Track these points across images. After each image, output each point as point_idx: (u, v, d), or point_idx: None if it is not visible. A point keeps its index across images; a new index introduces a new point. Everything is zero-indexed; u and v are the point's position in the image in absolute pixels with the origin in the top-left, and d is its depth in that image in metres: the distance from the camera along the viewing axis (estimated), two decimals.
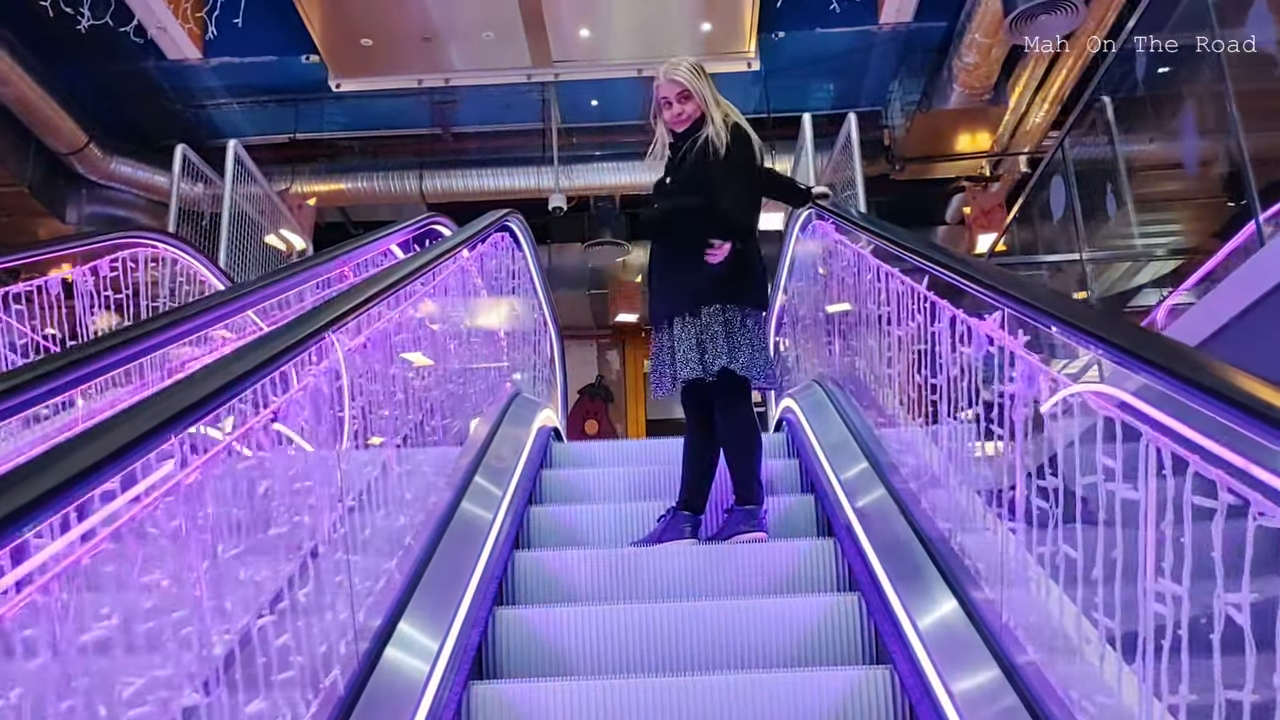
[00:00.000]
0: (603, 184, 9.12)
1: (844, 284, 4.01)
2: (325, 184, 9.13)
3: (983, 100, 8.13)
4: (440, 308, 3.56)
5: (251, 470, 1.73)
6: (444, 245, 3.44)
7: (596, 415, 11.26)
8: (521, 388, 4.94)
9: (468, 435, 3.58)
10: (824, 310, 4.51)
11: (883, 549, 2.58)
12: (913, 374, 2.95)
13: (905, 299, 2.96)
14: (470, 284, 4.13)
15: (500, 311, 4.82)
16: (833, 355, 4.29)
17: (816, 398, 4.19)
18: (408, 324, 3.06)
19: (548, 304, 5.86)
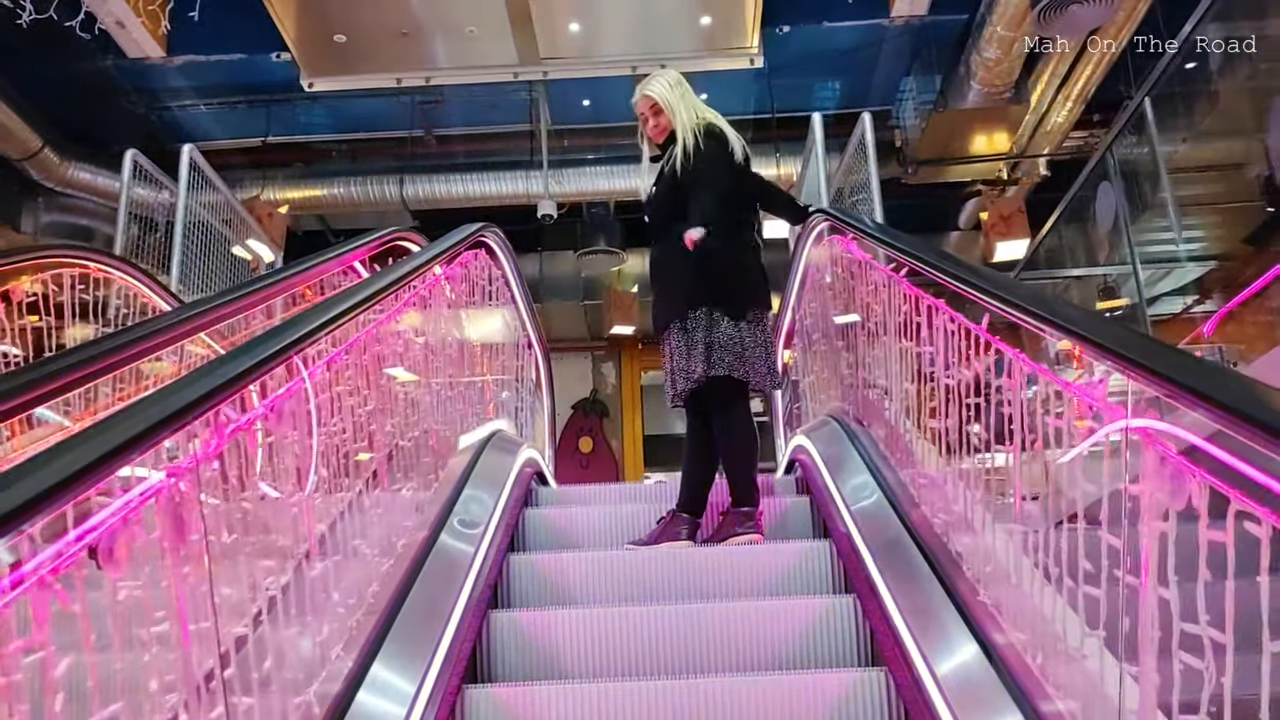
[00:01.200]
0: (596, 189, 8.57)
1: (868, 308, 3.46)
2: (301, 190, 8.57)
3: (1002, 99, 7.59)
4: (398, 341, 3.02)
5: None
6: (396, 272, 2.88)
7: (591, 432, 10.71)
8: (501, 422, 4.39)
9: (425, 499, 3.02)
10: (843, 336, 3.95)
11: (954, 684, 1.99)
12: (967, 431, 2.40)
13: (955, 339, 2.41)
14: (438, 309, 3.58)
15: (475, 338, 4.26)
16: (854, 390, 3.73)
17: (837, 444, 3.62)
18: (357, 363, 2.53)
19: (532, 324, 5.30)
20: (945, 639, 2.03)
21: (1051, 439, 1.83)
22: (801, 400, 5.07)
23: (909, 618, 2.24)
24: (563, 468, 10.41)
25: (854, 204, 6.41)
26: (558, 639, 2.68)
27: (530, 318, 5.24)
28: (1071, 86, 7.78)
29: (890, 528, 2.75)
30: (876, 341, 3.36)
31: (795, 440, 4.38)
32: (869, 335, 3.50)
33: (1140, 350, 1.43)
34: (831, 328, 4.18)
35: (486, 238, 4.26)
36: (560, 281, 10.00)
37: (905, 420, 3.04)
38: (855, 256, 3.54)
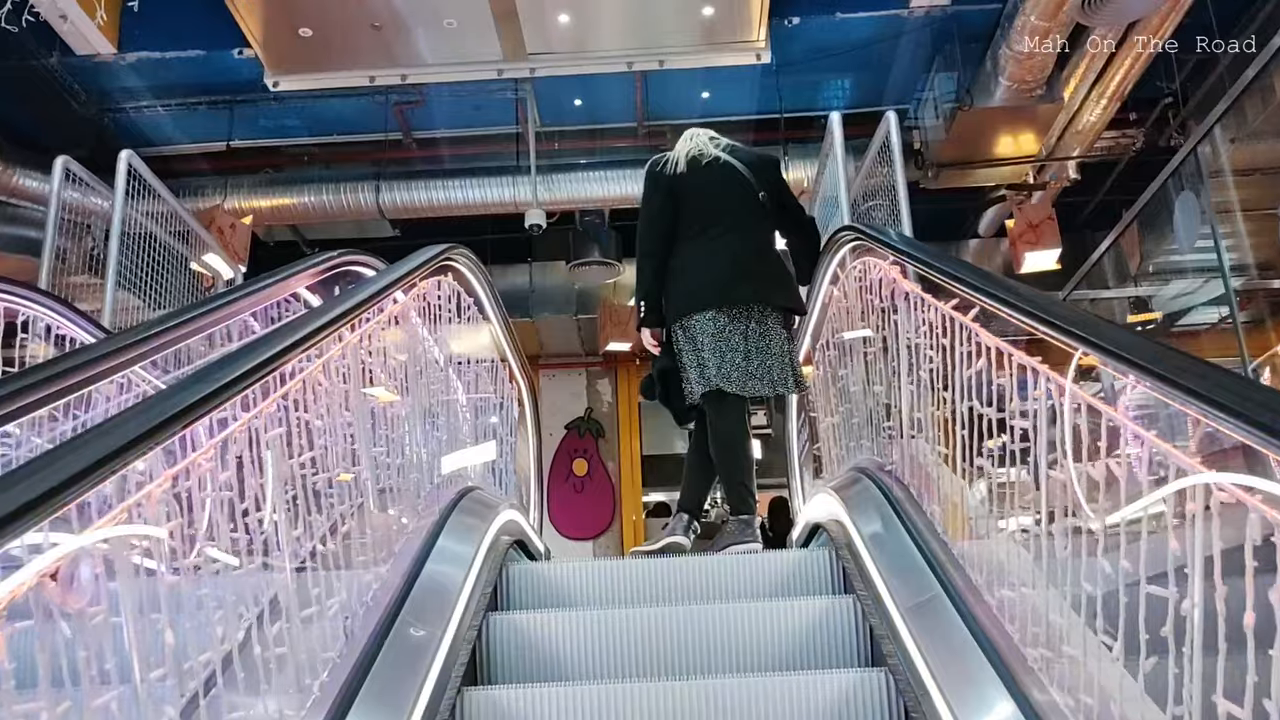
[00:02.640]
0: (589, 196, 7.90)
1: (917, 351, 2.80)
2: (269, 198, 7.90)
3: (1033, 96, 6.92)
4: (338, 388, 2.37)
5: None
6: (312, 322, 2.21)
7: (586, 453, 10.04)
8: (472, 478, 3.73)
9: (372, 589, 2.36)
10: (882, 378, 3.29)
11: None
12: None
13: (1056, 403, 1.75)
14: (393, 346, 2.93)
15: (442, 376, 3.59)
16: (897, 445, 3.06)
17: (881, 518, 2.95)
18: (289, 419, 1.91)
19: (514, 355, 4.63)
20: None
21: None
22: (822, 444, 4.40)
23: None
24: (556, 493, 9.76)
25: (867, 211, 5.76)
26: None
27: (511, 348, 4.57)
28: (1107, 83, 7.11)
29: (968, 659, 2.08)
30: (932, 393, 2.70)
31: (820, 497, 3.71)
32: (918, 382, 2.85)
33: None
34: (863, 365, 3.52)
35: (454, 261, 3.59)
36: (552, 294, 9.34)
37: (977, 505, 2.38)
38: (902, 288, 2.87)
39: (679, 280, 3.66)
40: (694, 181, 3.71)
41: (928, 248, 2.71)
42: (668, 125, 8.18)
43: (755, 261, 3.69)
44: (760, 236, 3.78)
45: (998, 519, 2.29)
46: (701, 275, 3.62)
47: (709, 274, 3.62)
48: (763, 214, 3.79)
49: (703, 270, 3.63)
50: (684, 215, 3.70)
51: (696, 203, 3.69)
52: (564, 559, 9.13)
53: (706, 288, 3.61)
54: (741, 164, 3.80)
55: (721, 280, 3.61)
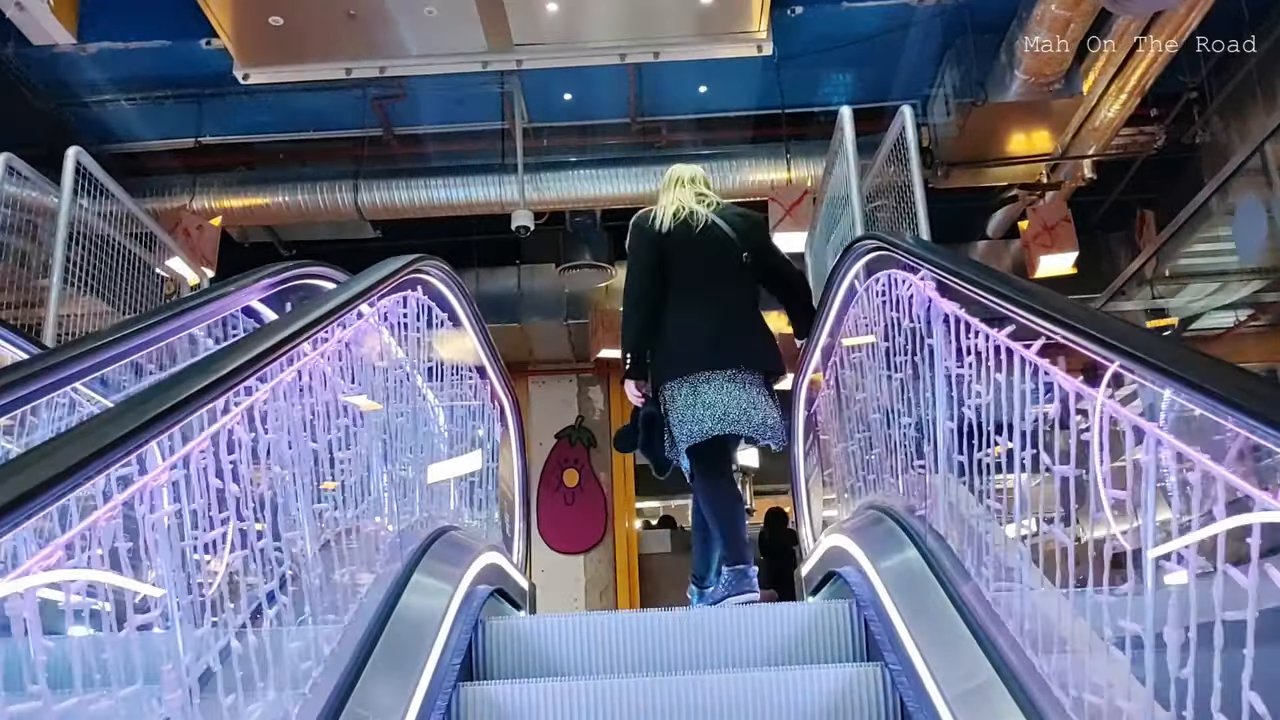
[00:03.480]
0: (579, 195, 7.49)
1: (958, 382, 2.40)
2: (242, 197, 7.47)
3: (1051, 91, 6.53)
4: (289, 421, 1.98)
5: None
6: (263, 342, 1.81)
7: (577, 463, 9.62)
8: (450, 510, 3.32)
9: (312, 677, 1.95)
10: (910, 408, 2.89)
11: None
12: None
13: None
14: (349, 373, 2.52)
15: (409, 405, 3.18)
16: (930, 487, 2.66)
17: (908, 564, 2.55)
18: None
19: (495, 371, 4.22)
20: None
21: None
22: (834, 470, 4.01)
23: None
24: (546, 504, 9.35)
25: (872, 211, 5.35)
26: None
27: (493, 364, 4.16)
28: (1127, 76, 6.72)
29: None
30: (980, 435, 2.30)
31: (837, 539, 3.30)
32: (959, 419, 2.45)
33: None
34: (886, 390, 3.12)
35: (424, 274, 3.18)
36: (541, 298, 8.92)
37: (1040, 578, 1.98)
38: (940, 308, 2.47)
39: (662, 345, 3.74)
40: (679, 243, 3.75)
41: (976, 263, 2.31)
42: (663, 121, 7.78)
43: (735, 327, 3.76)
44: (742, 300, 3.85)
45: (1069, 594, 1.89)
46: (683, 343, 3.70)
47: (689, 343, 3.70)
48: (745, 277, 3.86)
49: (684, 338, 3.70)
50: (668, 276, 3.75)
51: (681, 265, 3.75)
52: (551, 596, 8.76)
53: (687, 356, 3.69)
54: (727, 225, 3.83)
55: (700, 349, 3.69)
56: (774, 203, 6.74)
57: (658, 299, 3.74)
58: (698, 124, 7.78)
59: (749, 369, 3.72)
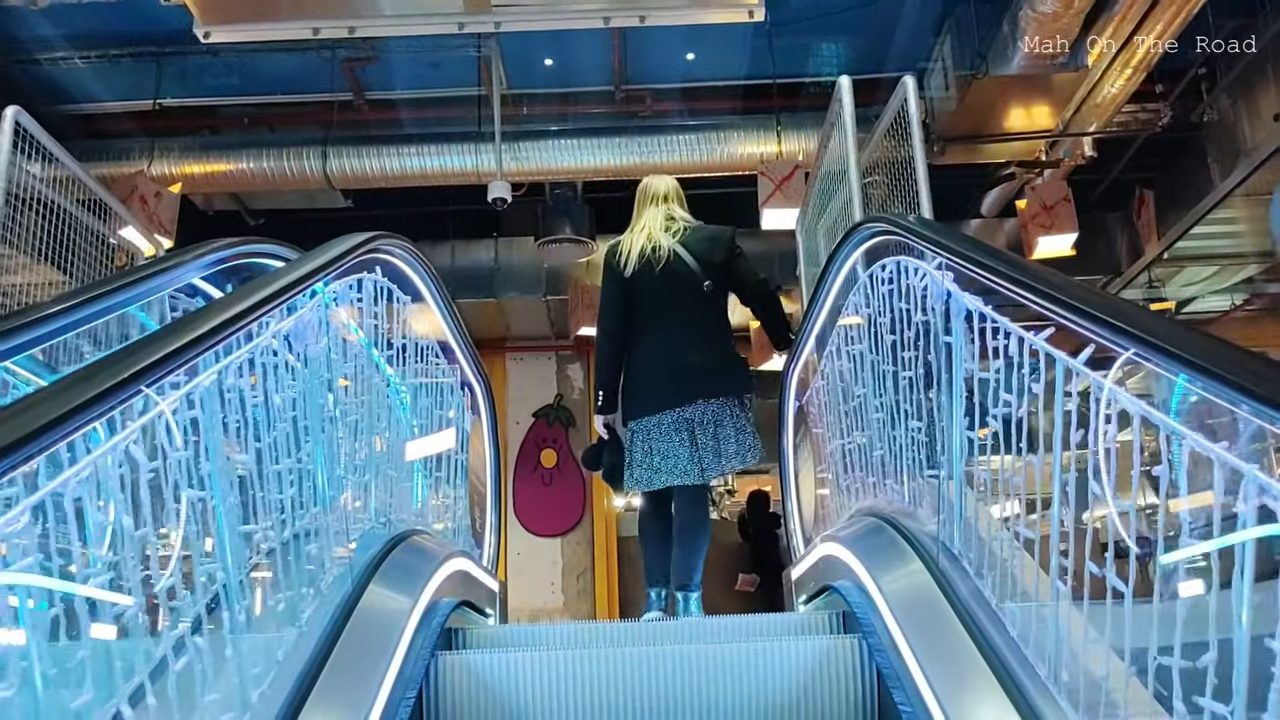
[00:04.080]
0: (560, 167, 7.15)
1: (979, 386, 2.13)
2: (204, 163, 7.09)
3: (1055, 63, 6.23)
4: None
5: None
6: (184, 334, 1.50)
7: (555, 443, 9.34)
8: (412, 515, 3.03)
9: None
10: (919, 412, 2.62)
11: None
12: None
13: None
14: (294, 365, 2.22)
15: (368, 396, 2.88)
16: (944, 501, 2.39)
17: (921, 590, 2.28)
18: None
19: (465, 356, 3.92)
20: None
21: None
22: (828, 468, 3.74)
23: None
24: (522, 486, 9.08)
25: (864, 188, 5.06)
26: None
27: (463, 348, 3.86)
28: (1134, 50, 6.43)
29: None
30: (1008, 449, 2.03)
31: (833, 549, 3.03)
32: (978, 427, 2.18)
33: None
34: (891, 388, 2.84)
35: (384, 253, 2.87)
36: (519, 272, 8.60)
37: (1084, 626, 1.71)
38: (961, 303, 2.19)
39: (627, 381, 3.92)
40: (642, 281, 3.89)
41: (1006, 254, 2.02)
42: (648, 90, 7.44)
43: (694, 361, 3.85)
44: (705, 328, 3.93)
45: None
46: (647, 379, 3.86)
47: (653, 379, 3.85)
48: (708, 306, 3.95)
49: (648, 374, 3.86)
50: (635, 312, 3.91)
51: (645, 302, 3.90)
52: (527, 580, 8.49)
53: (651, 393, 3.84)
54: (689, 254, 3.92)
55: (659, 386, 3.83)
56: (764, 177, 6.44)
57: (625, 336, 3.92)
58: (684, 93, 7.45)
59: (711, 399, 3.82)
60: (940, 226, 2.44)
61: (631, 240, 3.98)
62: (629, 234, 4.04)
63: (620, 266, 3.93)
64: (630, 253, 3.94)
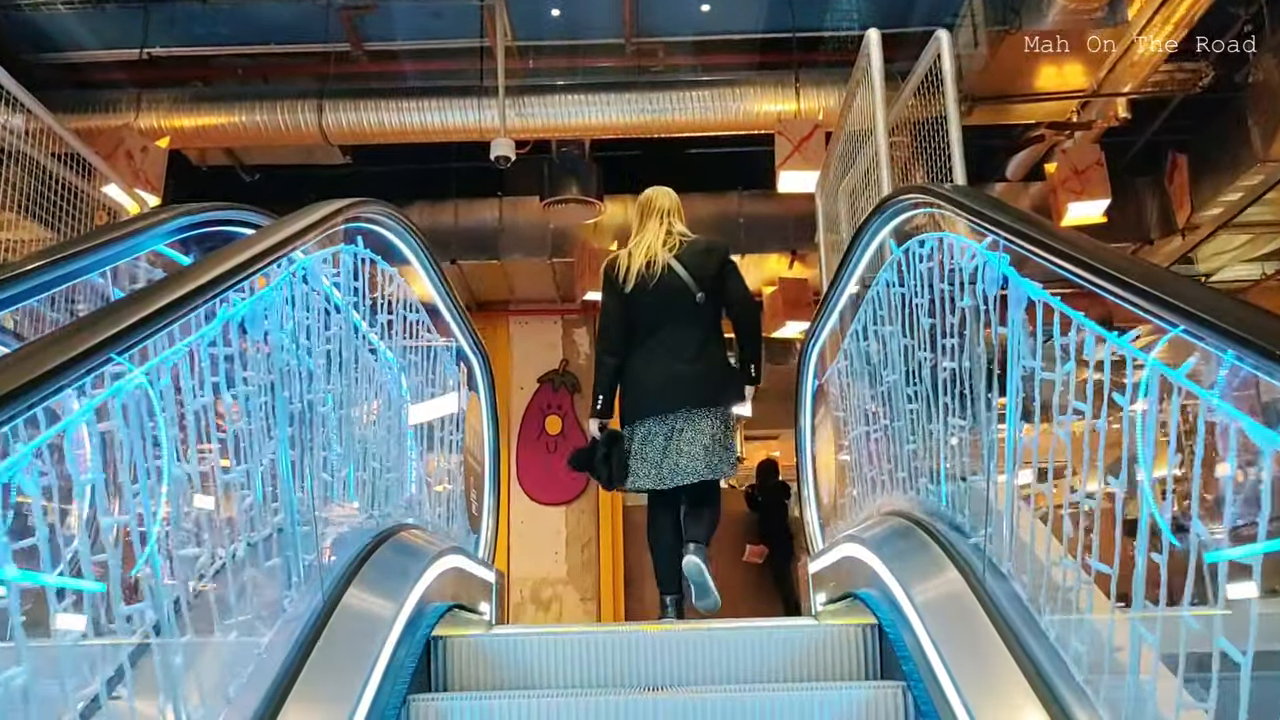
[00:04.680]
0: (567, 123, 6.82)
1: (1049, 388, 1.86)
2: (195, 116, 6.77)
3: (1092, 18, 5.87)
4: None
5: None
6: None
7: (560, 409, 9.09)
8: (402, 507, 2.78)
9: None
10: (964, 407, 2.35)
11: None
12: None
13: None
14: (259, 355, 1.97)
15: (346, 378, 2.61)
16: (987, 503, 2.13)
17: (967, 617, 2.02)
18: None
19: (462, 329, 3.65)
20: None
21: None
22: (850, 455, 3.47)
23: None
24: (526, 454, 8.85)
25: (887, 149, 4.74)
26: None
27: (458, 321, 3.59)
28: (1175, 6, 6.06)
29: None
30: (1080, 462, 1.76)
31: (856, 551, 2.77)
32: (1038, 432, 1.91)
33: None
34: (927, 378, 2.57)
35: (366, 222, 2.58)
36: (524, 233, 8.29)
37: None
38: (1019, 293, 1.90)
39: (624, 389, 4.14)
40: (638, 296, 4.09)
41: (1084, 240, 1.73)
42: (660, 43, 7.08)
43: (684, 372, 4.03)
44: (696, 342, 4.09)
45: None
46: (637, 388, 4.09)
47: (642, 388, 4.07)
48: (699, 318, 4.12)
49: (638, 383, 4.08)
50: (632, 322, 4.11)
51: (641, 314, 4.09)
52: (531, 550, 8.27)
53: (644, 399, 4.06)
54: (683, 267, 4.10)
55: (651, 395, 4.04)
56: (781, 137, 6.11)
57: (624, 346, 4.12)
58: (698, 47, 7.09)
59: (699, 408, 4.00)
60: (997, 201, 2.14)
61: (631, 255, 4.19)
62: (629, 247, 4.24)
63: (619, 280, 4.14)
64: (630, 267, 4.14)
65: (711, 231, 8.26)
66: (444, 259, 8.16)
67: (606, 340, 4.19)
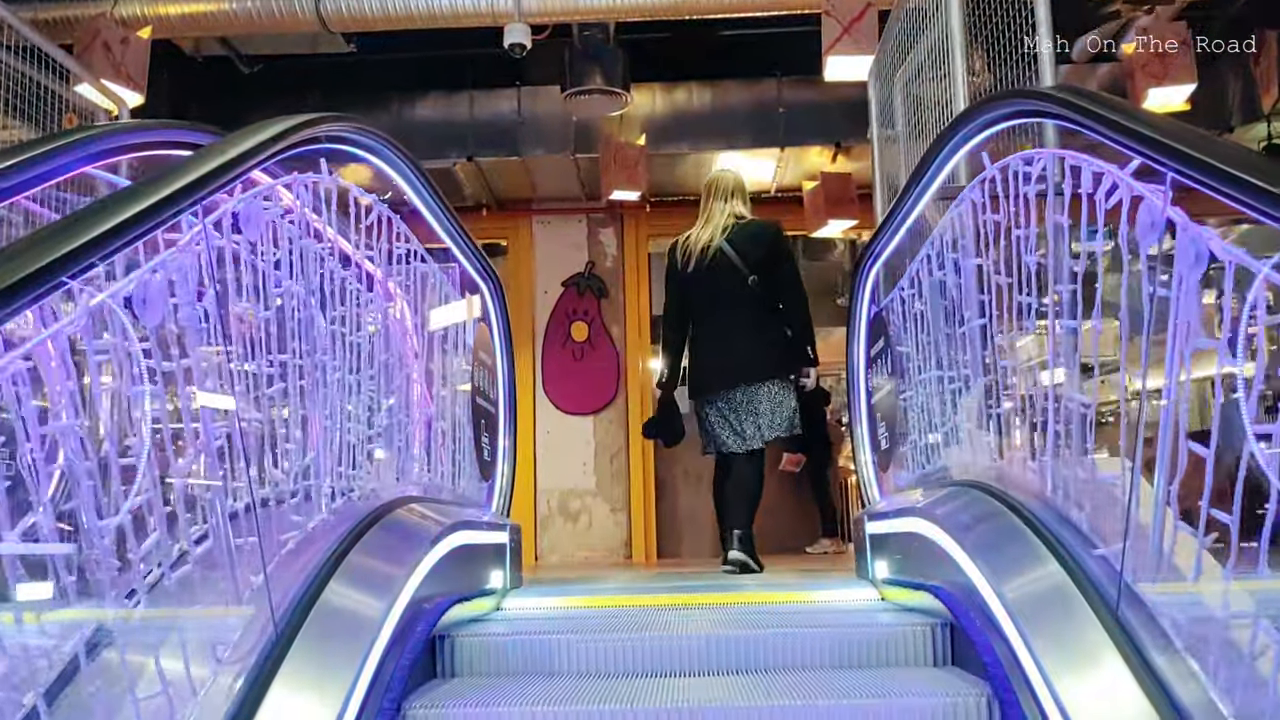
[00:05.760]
0: (588, 6, 6.15)
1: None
2: (179, 4, 6.16)
3: None
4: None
5: None
6: None
7: (587, 315, 8.63)
8: (396, 473, 2.37)
9: None
10: (1071, 364, 1.86)
11: None
12: None
13: None
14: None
15: (316, 331, 2.16)
16: (1124, 510, 1.67)
17: (1093, 661, 1.58)
18: None
19: (469, 254, 3.17)
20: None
21: None
22: (908, 396, 3.00)
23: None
24: (551, 361, 8.47)
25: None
26: None
27: (463, 245, 3.10)
28: None
29: None
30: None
31: (931, 534, 2.32)
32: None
33: None
34: (1032, 336, 2.08)
35: (338, 134, 2.09)
36: (545, 127, 7.68)
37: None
38: (1196, 240, 1.40)
39: (691, 364, 4.63)
40: (696, 279, 4.51)
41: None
42: None
43: (739, 349, 4.47)
44: (751, 319, 4.50)
45: None
46: (703, 365, 4.58)
47: (703, 367, 4.57)
48: (752, 298, 4.50)
49: (704, 360, 4.57)
50: (693, 303, 4.58)
51: (699, 296, 4.54)
52: (558, 461, 7.93)
53: (706, 376, 4.57)
54: (735, 252, 4.49)
55: (711, 373, 4.54)
56: (829, 18, 5.43)
57: (686, 325, 4.59)
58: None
59: (753, 383, 4.45)
60: (1163, 119, 1.61)
61: (690, 238, 4.58)
62: (693, 230, 4.59)
63: (679, 262, 4.56)
64: (690, 250, 4.55)
65: (748, 123, 7.71)
66: (460, 155, 7.62)
67: (668, 319, 4.69)
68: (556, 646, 2.24)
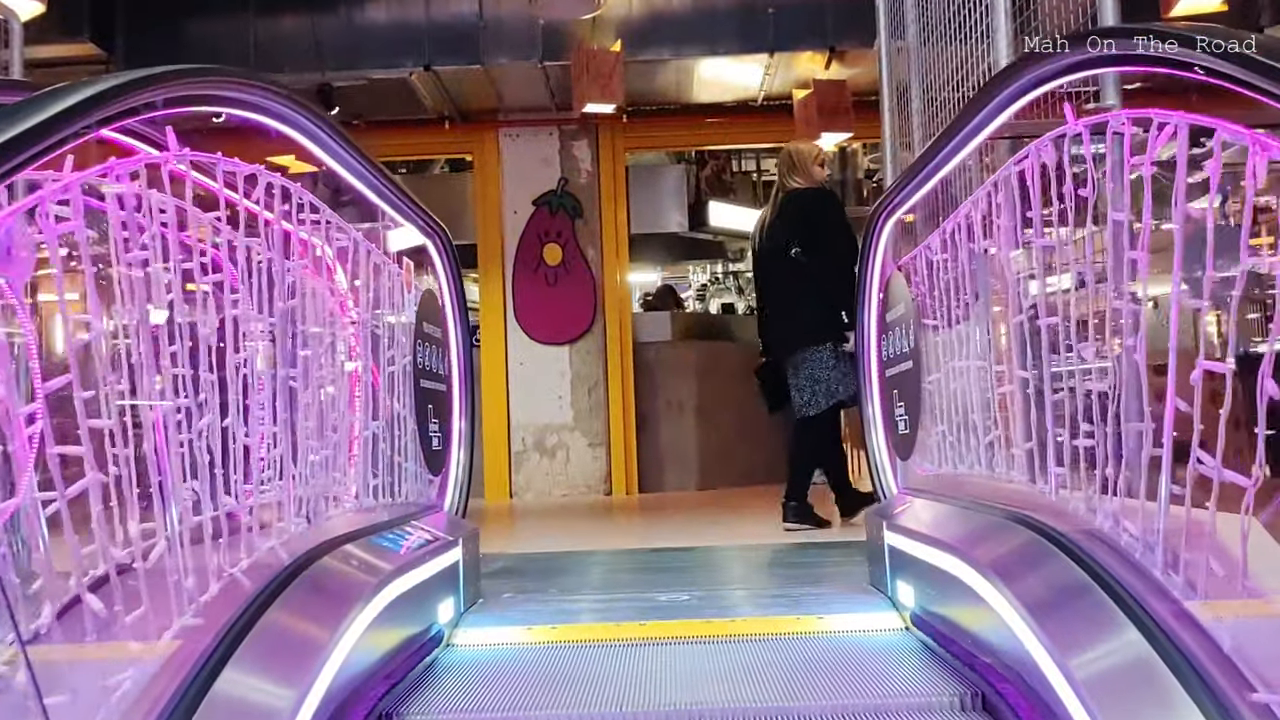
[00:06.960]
0: None
1: None
2: None
3: None
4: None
5: None
6: None
7: (560, 237, 8.02)
8: (313, 502, 1.88)
9: None
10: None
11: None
12: None
13: None
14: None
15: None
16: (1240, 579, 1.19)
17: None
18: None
19: (408, 208, 2.62)
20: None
21: None
22: (934, 380, 2.51)
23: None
24: (523, 287, 7.95)
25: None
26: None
27: (398, 199, 2.55)
28: None
29: None
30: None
31: (959, 572, 1.85)
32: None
33: None
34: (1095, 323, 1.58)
35: (201, 97, 1.52)
36: (510, 31, 6.94)
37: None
38: None
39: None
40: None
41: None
42: None
43: (789, 315, 4.88)
44: (797, 289, 4.80)
45: None
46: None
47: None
48: (796, 267, 4.76)
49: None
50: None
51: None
52: (533, 394, 7.46)
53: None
54: (782, 223, 4.86)
55: (775, 341, 5.07)
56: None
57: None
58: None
59: (799, 350, 4.78)
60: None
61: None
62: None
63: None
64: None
65: (733, 24, 7.02)
66: (416, 63, 6.92)
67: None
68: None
